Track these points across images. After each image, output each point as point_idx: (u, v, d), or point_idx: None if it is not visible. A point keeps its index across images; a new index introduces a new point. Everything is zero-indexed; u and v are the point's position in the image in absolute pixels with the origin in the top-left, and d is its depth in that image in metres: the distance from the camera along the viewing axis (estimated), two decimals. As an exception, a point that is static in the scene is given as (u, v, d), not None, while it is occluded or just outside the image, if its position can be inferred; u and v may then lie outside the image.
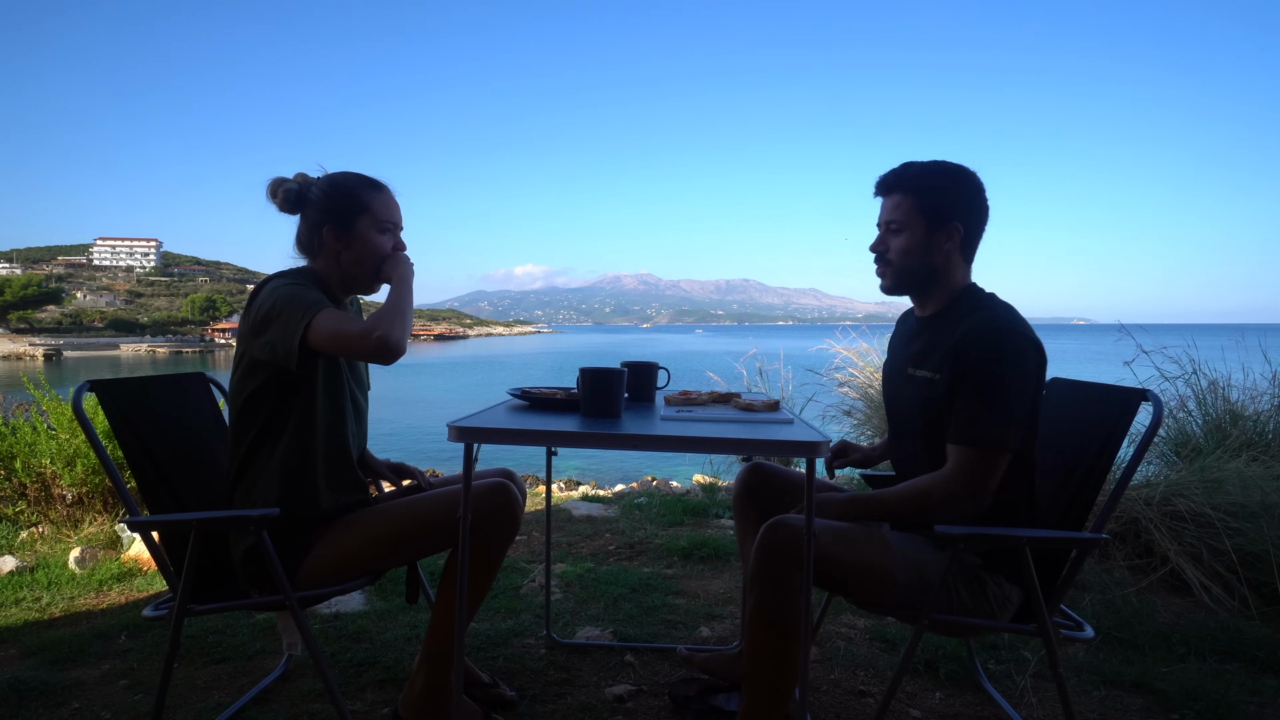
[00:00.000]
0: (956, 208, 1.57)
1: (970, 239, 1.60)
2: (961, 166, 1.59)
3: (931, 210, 1.57)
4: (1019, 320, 1.50)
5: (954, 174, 1.58)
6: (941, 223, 1.57)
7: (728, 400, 1.89)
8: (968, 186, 1.58)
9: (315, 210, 1.68)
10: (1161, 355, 3.66)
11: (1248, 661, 2.16)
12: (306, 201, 1.69)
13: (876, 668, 2.15)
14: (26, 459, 3.58)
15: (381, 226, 1.69)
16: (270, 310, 1.50)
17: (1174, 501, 2.76)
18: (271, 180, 1.69)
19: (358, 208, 1.67)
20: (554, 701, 1.94)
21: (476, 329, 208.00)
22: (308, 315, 1.46)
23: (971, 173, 1.59)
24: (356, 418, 1.74)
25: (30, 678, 2.02)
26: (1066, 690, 1.51)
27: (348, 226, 1.67)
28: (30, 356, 67.47)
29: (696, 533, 3.50)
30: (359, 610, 2.51)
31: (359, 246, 1.67)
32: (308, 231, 1.69)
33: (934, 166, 1.59)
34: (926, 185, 1.58)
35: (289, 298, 1.50)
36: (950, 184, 1.58)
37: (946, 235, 1.57)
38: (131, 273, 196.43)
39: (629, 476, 6.77)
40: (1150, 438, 1.53)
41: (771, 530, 1.48)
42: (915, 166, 1.60)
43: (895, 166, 1.63)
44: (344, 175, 1.71)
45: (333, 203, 1.67)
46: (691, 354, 36.41)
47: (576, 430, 1.43)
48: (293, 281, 1.57)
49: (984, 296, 1.60)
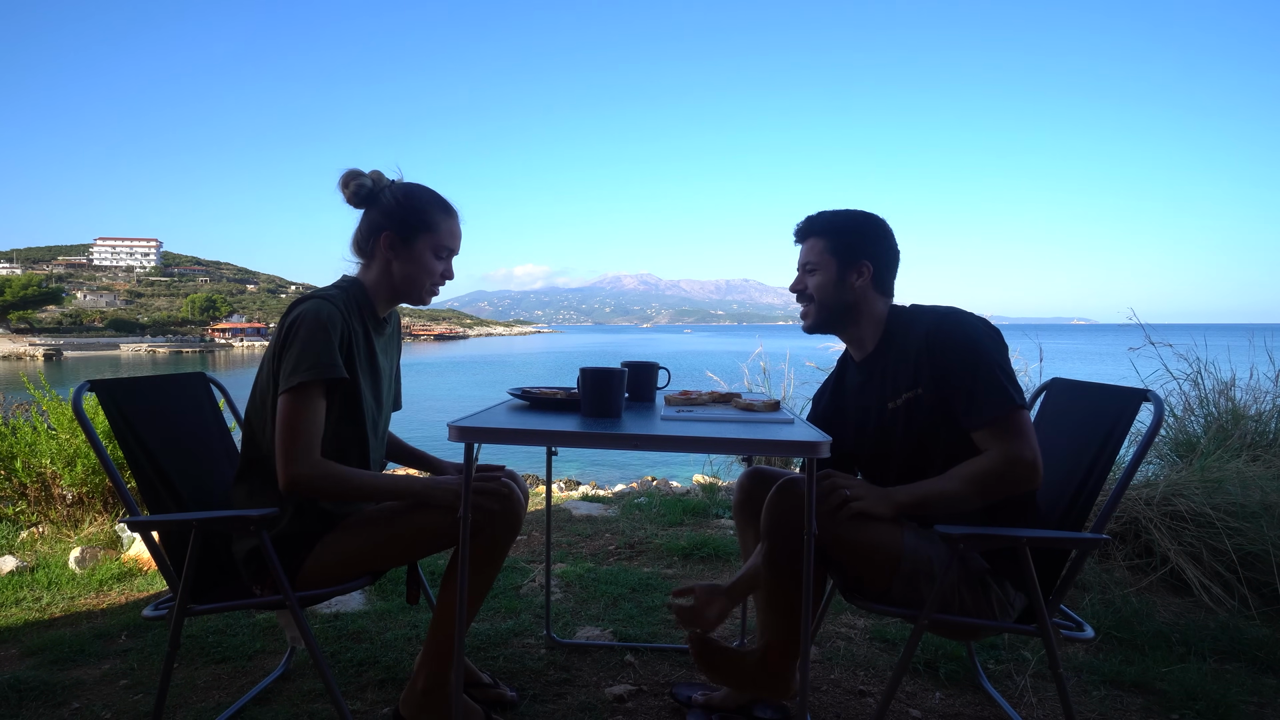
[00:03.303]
0: (864, 247, 1.69)
1: (881, 275, 1.70)
2: (868, 213, 1.73)
3: (843, 250, 1.69)
4: (958, 307, 1.62)
5: (861, 219, 1.72)
6: (852, 261, 1.69)
7: (728, 400, 1.89)
8: (873, 230, 1.71)
9: (380, 213, 1.67)
10: (1169, 351, 3.66)
11: (1248, 661, 2.16)
12: (375, 201, 1.68)
13: (876, 667, 2.15)
14: (27, 459, 3.58)
15: (439, 251, 1.70)
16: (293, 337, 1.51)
17: (1174, 501, 2.76)
18: (346, 171, 1.68)
19: (424, 225, 1.67)
20: (554, 701, 1.94)
21: (476, 329, 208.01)
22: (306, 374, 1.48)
23: (878, 218, 1.72)
24: (374, 432, 1.72)
25: (30, 677, 2.02)
26: (1066, 690, 1.51)
27: (407, 240, 1.66)
28: (30, 356, 67.50)
29: (697, 533, 3.50)
30: (359, 610, 2.51)
31: (411, 263, 1.68)
32: (366, 231, 1.68)
33: (844, 213, 1.73)
34: (836, 229, 1.71)
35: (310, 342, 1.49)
36: (858, 227, 1.71)
37: (857, 273, 1.68)
38: (131, 273, 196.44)
39: (629, 476, 6.77)
40: (1151, 438, 1.53)
41: (780, 493, 1.56)
42: (827, 214, 1.74)
43: (811, 214, 1.77)
44: (420, 188, 1.71)
45: (401, 211, 1.66)
46: (692, 354, 36.40)
47: (576, 430, 1.43)
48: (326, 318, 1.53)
49: (914, 308, 1.70)
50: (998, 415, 1.47)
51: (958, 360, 1.52)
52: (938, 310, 1.62)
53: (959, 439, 1.54)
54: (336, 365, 1.51)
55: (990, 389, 1.48)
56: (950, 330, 1.55)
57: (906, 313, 1.69)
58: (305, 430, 1.49)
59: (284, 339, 1.53)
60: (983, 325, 1.57)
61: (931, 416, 1.56)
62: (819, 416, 1.86)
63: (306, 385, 1.49)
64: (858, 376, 1.75)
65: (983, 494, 1.49)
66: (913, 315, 1.66)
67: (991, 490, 1.49)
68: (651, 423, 1.55)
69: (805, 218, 1.78)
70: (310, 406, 1.50)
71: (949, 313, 1.59)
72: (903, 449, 1.62)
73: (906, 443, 1.61)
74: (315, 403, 1.51)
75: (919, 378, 1.57)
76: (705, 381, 5.78)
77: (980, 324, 1.57)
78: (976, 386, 1.49)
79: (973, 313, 1.60)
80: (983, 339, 1.53)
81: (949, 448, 1.56)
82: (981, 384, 1.49)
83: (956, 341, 1.53)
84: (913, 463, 1.62)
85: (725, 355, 6.46)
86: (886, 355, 1.67)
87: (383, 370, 1.74)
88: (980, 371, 1.50)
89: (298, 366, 1.49)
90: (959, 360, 1.52)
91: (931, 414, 1.56)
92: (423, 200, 1.69)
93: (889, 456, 1.66)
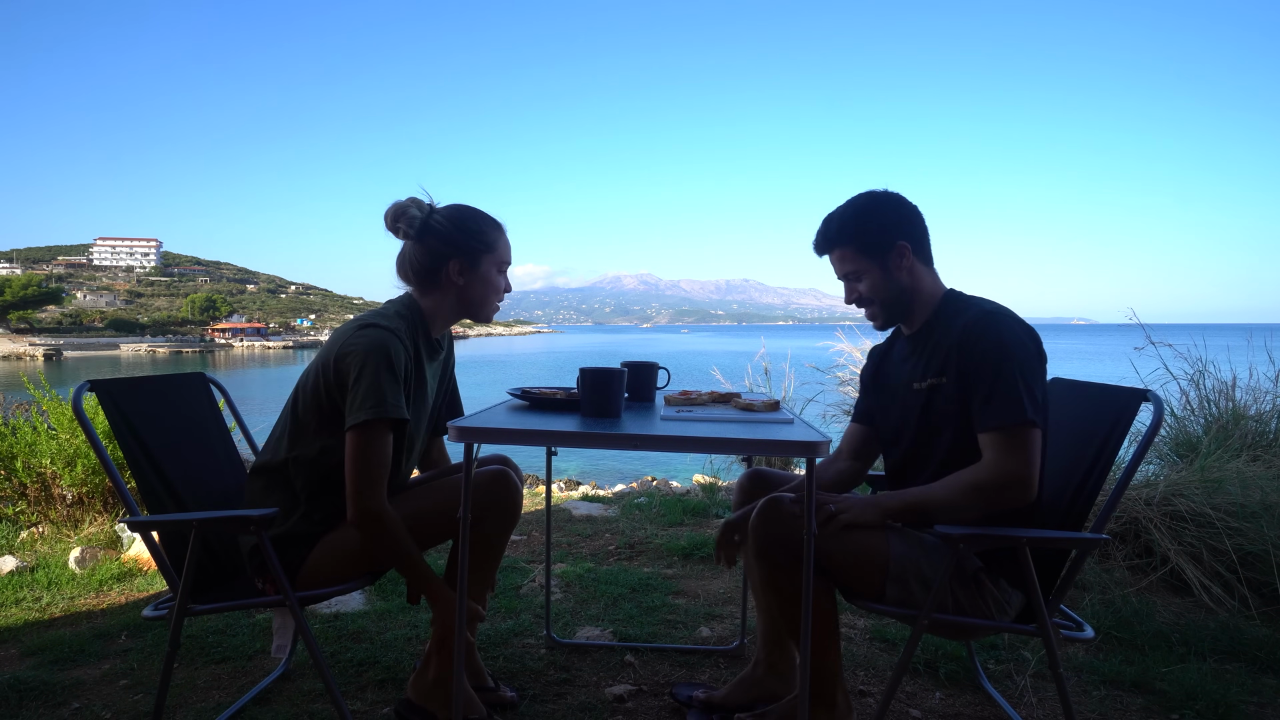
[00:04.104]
0: (891, 230, 1.64)
1: (919, 247, 1.66)
2: (872, 193, 1.68)
3: (873, 245, 1.65)
4: (1007, 308, 1.57)
5: (872, 204, 1.67)
6: (888, 249, 1.64)
7: (728, 400, 1.89)
8: (887, 208, 1.66)
9: (441, 242, 1.69)
10: (1169, 352, 3.65)
11: (1248, 661, 2.16)
12: (429, 230, 1.69)
13: (876, 667, 2.15)
14: (27, 459, 3.58)
15: (501, 268, 1.76)
16: (363, 370, 1.52)
17: (1174, 501, 2.76)
18: (393, 206, 1.69)
19: (485, 246, 1.72)
20: (554, 701, 1.94)
21: (476, 329, 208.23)
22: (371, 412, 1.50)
23: (883, 193, 1.68)
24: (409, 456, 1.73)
25: (30, 677, 2.02)
26: (1066, 690, 1.51)
27: (474, 264, 1.70)
28: (30, 356, 67.47)
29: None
30: (359, 610, 2.51)
31: (480, 284, 1.72)
32: (429, 260, 1.69)
33: (852, 209, 1.68)
34: (856, 228, 1.66)
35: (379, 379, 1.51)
36: (874, 214, 1.66)
37: (898, 256, 1.64)
38: (131, 273, 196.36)
39: (629, 476, 6.77)
40: (1151, 438, 1.53)
41: (762, 518, 1.55)
42: (836, 217, 1.69)
43: (821, 226, 1.72)
44: (469, 210, 1.73)
45: (463, 237, 1.69)
46: (691, 354, 36.40)
47: (576, 430, 1.43)
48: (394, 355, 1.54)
49: (967, 298, 1.65)
50: (1006, 423, 1.45)
51: (985, 359, 1.49)
52: (984, 306, 1.58)
53: (963, 440, 1.54)
54: (401, 406, 1.55)
55: (1007, 395, 1.45)
56: (987, 328, 1.51)
57: (960, 300, 1.64)
58: (375, 467, 1.53)
59: (348, 366, 1.54)
60: (1023, 332, 1.52)
61: (947, 408, 1.56)
62: (865, 377, 1.87)
63: (374, 424, 1.51)
64: (904, 348, 1.74)
65: (972, 504, 1.49)
66: (963, 305, 1.62)
67: (980, 502, 1.48)
68: (651, 423, 1.55)
69: (820, 229, 1.73)
70: (378, 443, 1.53)
71: (993, 311, 1.55)
72: (913, 432, 1.64)
73: (918, 427, 1.63)
74: (384, 438, 1.54)
75: (946, 367, 1.56)
76: (706, 381, 5.78)
77: (1021, 330, 1.52)
78: (995, 389, 1.47)
79: (1021, 319, 1.55)
80: (1016, 345, 1.49)
81: (951, 445, 1.56)
82: (1001, 387, 1.46)
83: (990, 341, 1.50)
84: (917, 449, 1.64)
85: (725, 355, 6.46)
86: (930, 336, 1.65)
87: (429, 391, 1.76)
88: (1003, 375, 1.47)
89: (365, 403, 1.51)
90: (986, 360, 1.49)
91: (948, 405, 1.56)
92: (478, 222, 1.72)
93: (900, 435, 1.68)
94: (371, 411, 1.50)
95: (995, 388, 1.47)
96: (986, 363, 1.49)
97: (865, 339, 5.53)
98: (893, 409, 1.73)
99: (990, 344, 1.49)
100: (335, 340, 1.60)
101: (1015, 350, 1.48)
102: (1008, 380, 1.46)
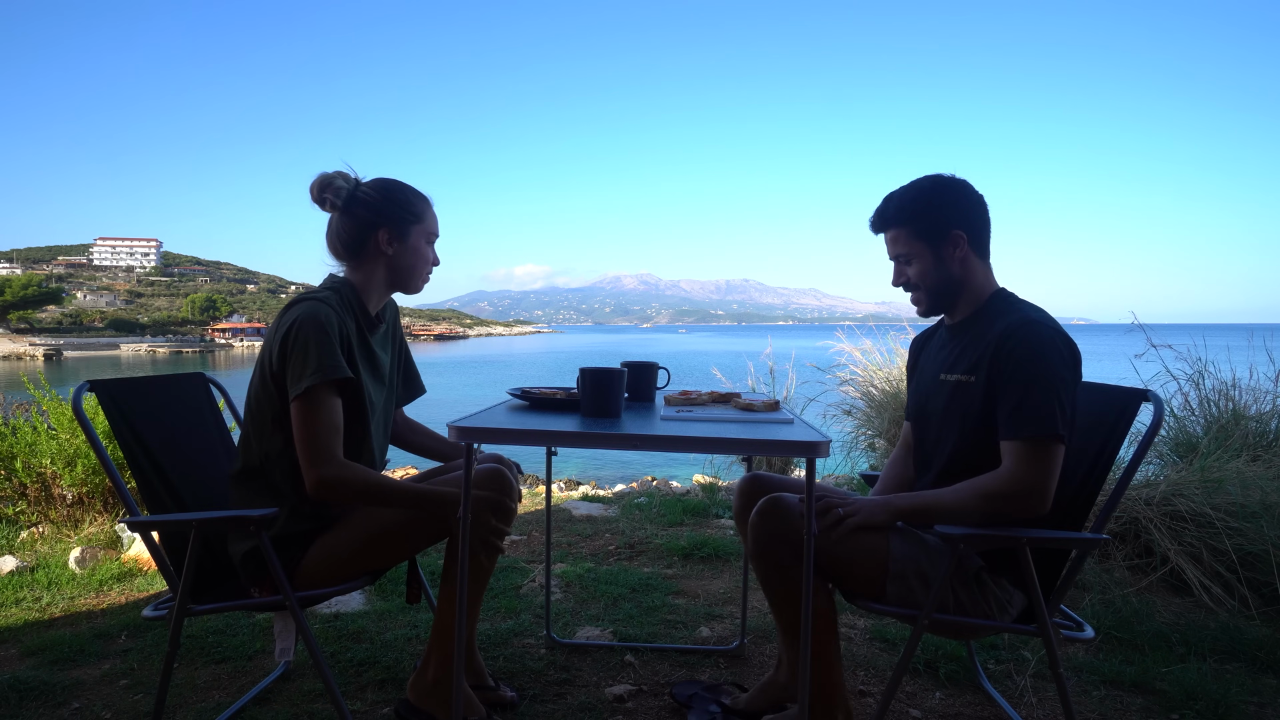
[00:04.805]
0: (949, 217, 1.61)
1: (976, 238, 1.63)
2: (937, 177, 1.64)
3: (928, 230, 1.62)
4: (1050, 318, 1.54)
5: (934, 188, 1.62)
6: (943, 237, 1.61)
7: (728, 400, 1.89)
8: (950, 194, 1.62)
9: (369, 211, 1.68)
10: (1170, 353, 3.65)
11: (1248, 661, 2.16)
12: (356, 201, 1.69)
13: (876, 667, 2.15)
14: (27, 459, 3.58)
15: (430, 239, 1.76)
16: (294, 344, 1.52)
17: (1174, 501, 2.75)
18: (319, 177, 1.68)
19: (414, 216, 1.71)
20: (554, 701, 1.94)
21: (476, 329, 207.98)
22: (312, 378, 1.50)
23: (949, 178, 1.63)
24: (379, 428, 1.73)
25: (30, 677, 2.02)
26: (1067, 690, 1.51)
27: (403, 234, 1.70)
28: (30, 356, 67.46)
29: (697, 533, 3.50)
30: (359, 610, 2.51)
31: (409, 254, 1.72)
32: (358, 230, 1.69)
33: (913, 190, 1.63)
34: (914, 211, 1.62)
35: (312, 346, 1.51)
36: (934, 199, 1.62)
37: (953, 245, 1.61)
38: (131, 273, 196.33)
39: (629, 476, 6.77)
40: (1151, 438, 1.53)
41: (762, 516, 1.55)
42: (896, 197, 1.65)
43: (880, 204, 1.68)
44: (396, 182, 1.73)
45: (391, 207, 1.69)
46: (691, 354, 36.39)
47: (576, 430, 1.43)
48: (324, 320, 1.54)
49: (1014, 300, 1.63)
50: (1034, 434, 1.43)
51: (1020, 368, 1.46)
52: (1025, 312, 1.54)
53: (973, 443, 1.54)
54: (340, 366, 1.53)
55: (1038, 406, 1.43)
56: (1025, 337, 1.48)
57: (1007, 302, 1.62)
58: (323, 433, 1.52)
59: (284, 346, 1.54)
60: (1063, 344, 1.48)
61: (971, 407, 1.55)
62: (909, 368, 1.88)
63: (315, 389, 1.51)
64: (943, 337, 1.73)
65: (985, 511, 1.47)
66: (1008, 307, 1.60)
67: (996, 510, 1.46)
68: (651, 423, 1.55)
69: (878, 207, 1.68)
70: (323, 409, 1.52)
71: (1034, 319, 1.50)
72: (935, 417, 1.64)
73: (940, 420, 1.62)
74: (327, 404, 1.53)
75: (978, 368, 1.54)
76: (707, 381, 5.78)
77: (1061, 342, 1.48)
78: (1026, 399, 1.44)
79: (1061, 328, 1.51)
80: (1053, 357, 1.46)
81: (960, 447, 1.56)
82: (1033, 398, 1.43)
83: (1027, 350, 1.47)
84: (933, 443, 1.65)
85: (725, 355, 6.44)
86: (969, 331, 1.62)
87: (382, 364, 1.76)
88: (1036, 386, 1.44)
89: (304, 372, 1.50)
90: (1021, 368, 1.46)
91: (970, 406, 1.55)
92: (405, 193, 1.72)
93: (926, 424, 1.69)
94: (312, 378, 1.50)
95: (1027, 397, 1.44)
96: (1021, 371, 1.46)
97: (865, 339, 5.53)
98: (922, 392, 1.73)
99: (1027, 353, 1.46)
100: (271, 330, 1.61)
101: (1053, 361, 1.45)
102: (1041, 392, 1.43)
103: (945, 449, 1.62)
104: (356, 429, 1.64)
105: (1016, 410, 1.45)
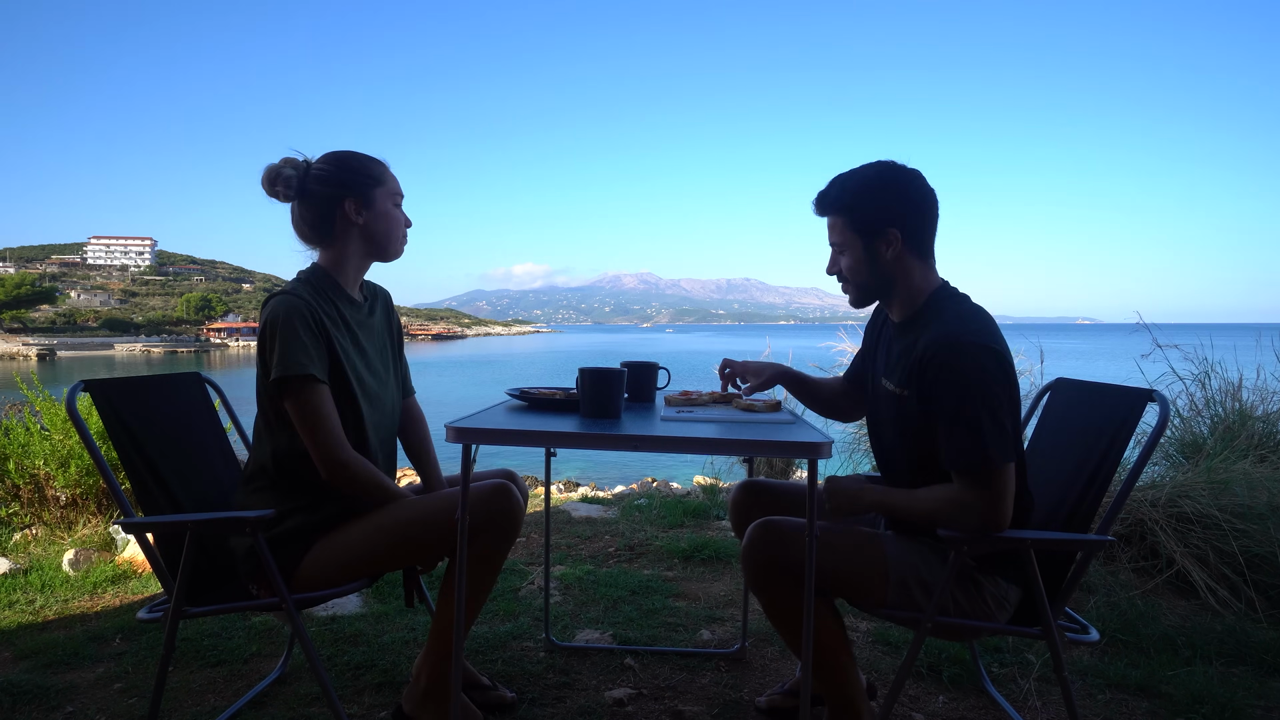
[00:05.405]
0: (887, 215, 1.52)
1: (914, 238, 1.54)
2: (887, 166, 1.55)
3: (863, 225, 1.54)
4: (975, 328, 1.43)
5: (878, 180, 1.54)
6: (877, 233, 1.53)
7: (728, 400, 1.87)
8: (894, 189, 1.53)
9: (327, 186, 1.65)
10: (1176, 353, 3.64)
11: (1254, 665, 2.14)
12: (311, 181, 1.66)
13: (879, 670, 2.13)
14: (20, 460, 3.55)
15: (395, 199, 1.73)
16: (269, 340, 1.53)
17: (1180, 503, 2.74)
18: (267, 169, 1.65)
19: (374, 179, 1.69)
20: (553, 705, 1.92)
21: (475, 329, 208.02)
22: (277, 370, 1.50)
23: (899, 171, 1.54)
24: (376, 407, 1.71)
25: (24, 681, 2.00)
26: (1071, 694, 1.49)
27: (368, 200, 1.68)
28: (24, 356, 67.33)
29: (697, 534, 3.48)
30: (356, 613, 2.49)
31: (381, 218, 1.69)
32: (322, 208, 1.66)
33: (857, 179, 1.56)
34: (853, 202, 1.55)
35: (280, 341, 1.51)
36: (877, 192, 1.53)
37: (885, 243, 1.53)
38: (126, 272, 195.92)
39: (629, 477, 6.75)
40: (1156, 438, 1.51)
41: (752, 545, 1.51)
42: (839, 183, 1.57)
43: (825, 185, 1.60)
44: (348, 152, 1.71)
45: (349, 175, 1.67)
46: (691, 354, 36.40)
47: (576, 431, 1.42)
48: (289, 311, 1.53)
49: (946, 303, 1.53)
50: (966, 470, 1.37)
51: (946, 395, 1.39)
52: (949, 325, 1.44)
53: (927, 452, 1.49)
54: (302, 363, 1.51)
55: (968, 435, 1.36)
56: (946, 361, 1.39)
57: (940, 304, 1.53)
58: (318, 422, 1.53)
59: (260, 346, 1.57)
60: (989, 359, 1.39)
61: (910, 423, 1.51)
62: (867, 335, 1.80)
63: (288, 381, 1.51)
64: (891, 332, 1.65)
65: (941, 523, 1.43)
66: (940, 310, 1.51)
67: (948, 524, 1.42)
68: (651, 423, 1.54)
69: (823, 189, 1.60)
70: (309, 397, 1.52)
71: (954, 336, 1.41)
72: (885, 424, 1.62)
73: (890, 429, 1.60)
74: (312, 393, 1.53)
75: (909, 382, 1.49)
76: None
77: (986, 357, 1.39)
78: (955, 428, 1.37)
79: (990, 334, 1.42)
80: (977, 379, 1.37)
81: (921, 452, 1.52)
82: (960, 432, 1.37)
83: (950, 376, 1.39)
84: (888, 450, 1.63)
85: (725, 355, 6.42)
86: (908, 334, 1.55)
87: (374, 344, 1.74)
88: (964, 412, 1.36)
89: (276, 365, 1.51)
90: (947, 396, 1.39)
91: (911, 420, 1.51)
92: (359, 159, 1.70)
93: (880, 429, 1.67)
94: (278, 370, 1.50)
95: (955, 427, 1.37)
96: (948, 400, 1.39)
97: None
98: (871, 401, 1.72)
99: (951, 379, 1.39)
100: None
101: (979, 384, 1.37)
102: (969, 419, 1.36)
103: (900, 457, 1.59)
104: (349, 412, 1.62)
105: (949, 442, 1.39)
